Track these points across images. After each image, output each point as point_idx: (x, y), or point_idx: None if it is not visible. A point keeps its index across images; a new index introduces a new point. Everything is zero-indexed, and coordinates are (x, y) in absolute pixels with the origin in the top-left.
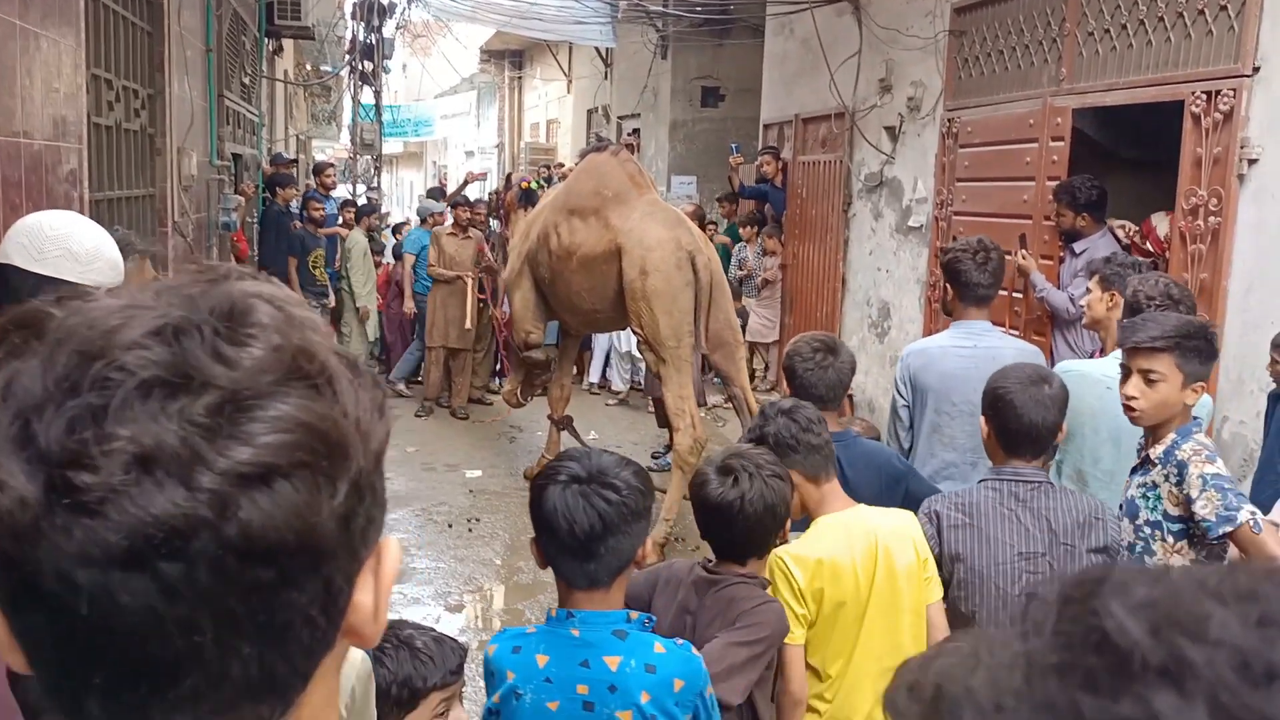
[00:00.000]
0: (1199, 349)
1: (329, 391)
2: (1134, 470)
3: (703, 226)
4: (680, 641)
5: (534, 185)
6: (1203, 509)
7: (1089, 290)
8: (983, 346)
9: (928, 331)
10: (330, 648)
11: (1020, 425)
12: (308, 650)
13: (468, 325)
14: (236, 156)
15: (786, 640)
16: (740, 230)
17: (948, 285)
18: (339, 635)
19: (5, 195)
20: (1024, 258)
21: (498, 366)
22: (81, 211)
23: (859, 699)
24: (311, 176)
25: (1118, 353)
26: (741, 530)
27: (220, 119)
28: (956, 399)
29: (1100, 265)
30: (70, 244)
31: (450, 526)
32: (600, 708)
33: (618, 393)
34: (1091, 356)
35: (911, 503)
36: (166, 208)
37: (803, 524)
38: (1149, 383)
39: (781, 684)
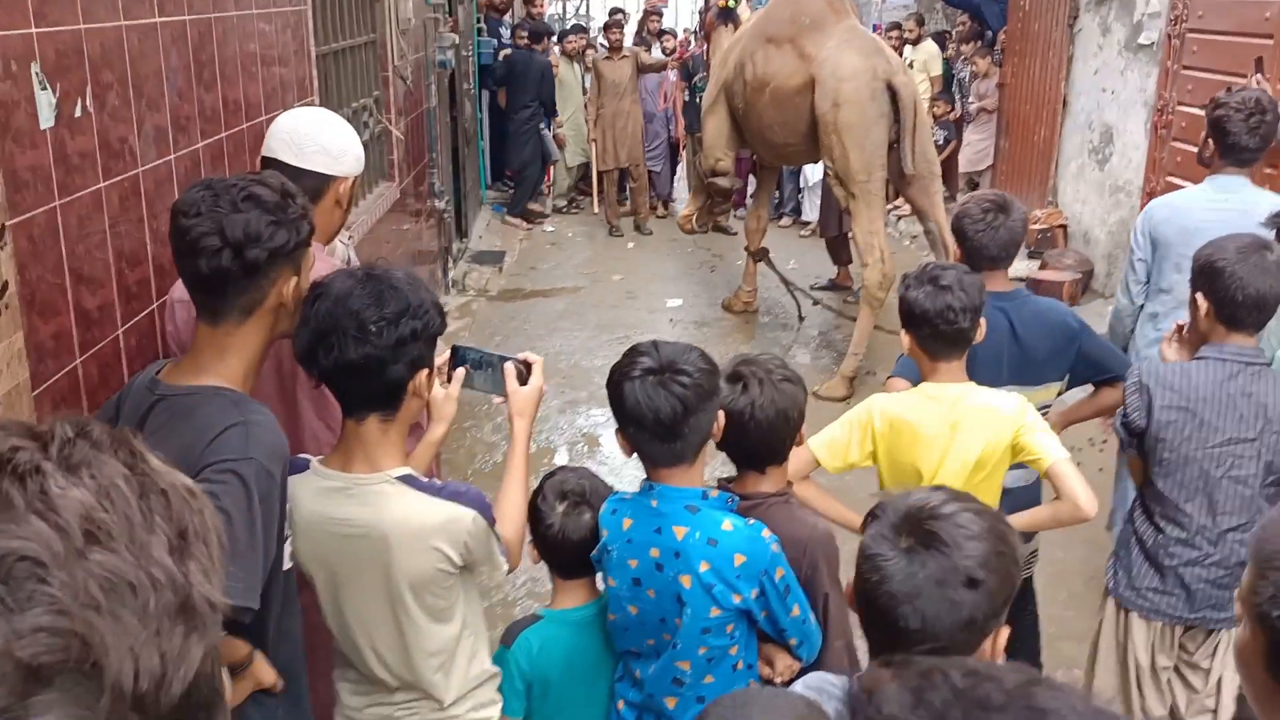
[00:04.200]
0: None
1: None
2: None
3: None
4: (752, 522)
5: (731, 3)
6: None
7: None
8: (1235, 200)
9: (1151, 160)
10: None
11: (1246, 295)
12: None
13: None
14: None
15: (808, 472)
16: (961, 48)
17: (1210, 138)
18: None
19: (243, 64)
20: (1259, 83)
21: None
22: (310, 69)
23: None
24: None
25: None
26: (755, 439)
27: None
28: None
29: None
30: (324, 140)
31: None
32: (668, 569)
33: (808, 223)
34: None
35: (1084, 362)
36: (387, 52)
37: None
38: None
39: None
